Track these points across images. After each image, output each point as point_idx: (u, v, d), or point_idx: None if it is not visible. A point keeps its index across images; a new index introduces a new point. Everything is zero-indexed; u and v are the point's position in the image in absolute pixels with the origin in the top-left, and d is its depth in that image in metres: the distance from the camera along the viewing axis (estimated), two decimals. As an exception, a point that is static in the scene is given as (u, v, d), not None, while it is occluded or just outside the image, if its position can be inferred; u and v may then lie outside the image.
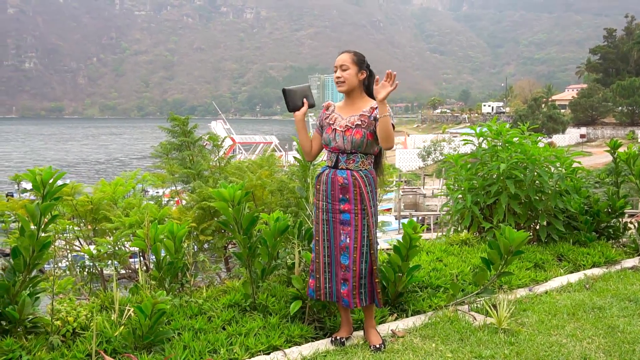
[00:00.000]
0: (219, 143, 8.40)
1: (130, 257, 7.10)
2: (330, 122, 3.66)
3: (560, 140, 60.11)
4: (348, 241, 3.55)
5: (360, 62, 3.64)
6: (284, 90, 3.74)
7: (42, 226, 3.31)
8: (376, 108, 3.51)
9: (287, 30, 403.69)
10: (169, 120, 8.68)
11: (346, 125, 3.57)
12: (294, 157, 5.13)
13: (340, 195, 3.56)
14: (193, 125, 8.57)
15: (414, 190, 39.10)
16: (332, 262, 3.62)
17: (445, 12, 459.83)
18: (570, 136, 62.98)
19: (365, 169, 3.59)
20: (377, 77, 3.52)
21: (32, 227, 3.31)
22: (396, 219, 28.29)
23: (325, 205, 3.62)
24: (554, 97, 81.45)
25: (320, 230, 3.66)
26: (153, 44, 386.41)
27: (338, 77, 3.63)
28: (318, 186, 3.68)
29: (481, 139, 6.29)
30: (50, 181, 3.33)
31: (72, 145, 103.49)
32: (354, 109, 3.63)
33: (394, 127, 3.53)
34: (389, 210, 31.75)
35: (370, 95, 3.69)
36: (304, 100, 3.75)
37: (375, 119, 3.52)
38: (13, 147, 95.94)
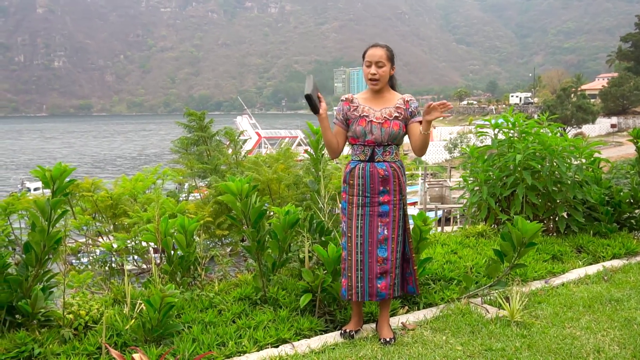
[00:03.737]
0: (236, 138, 8.47)
1: (156, 252, 7.18)
2: (364, 114, 3.58)
3: (591, 130, 59.00)
4: (386, 233, 3.55)
5: (393, 58, 3.64)
6: (308, 96, 3.47)
7: (53, 221, 3.37)
8: (409, 101, 3.62)
9: (311, 24, 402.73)
10: (185, 115, 8.73)
11: (384, 117, 3.55)
12: (306, 151, 5.12)
13: (381, 188, 3.55)
14: (209, 120, 8.62)
15: (440, 182, 38.81)
16: (366, 259, 3.56)
17: (471, 2, 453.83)
18: (601, 126, 61.81)
19: (399, 160, 3.62)
20: (431, 102, 3.39)
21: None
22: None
23: (361, 200, 3.57)
24: (583, 87, 79.66)
25: (353, 227, 3.59)
26: (179, 41, 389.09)
27: (374, 75, 3.56)
28: (351, 181, 3.60)
29: (497, 130, 6.21)
30: (60, 177, 3.38)
31: (110, 141, 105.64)
32: (384, 101, 3.62)
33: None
34: (414, 203, 31.54)
35: (392, 86, 3.71)
36: (319, 95, 3.60)
37: (412, 114, 3.60)
38: (55, 144, 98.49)
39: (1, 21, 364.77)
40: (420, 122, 3.54)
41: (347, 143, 3.74)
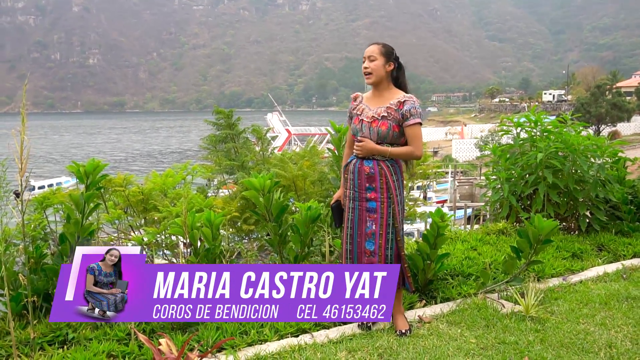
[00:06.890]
0: (263, 135, 8.66)
1: (185, 247, 7.39)
2: (358, 112, 3.75)
3: (626, 128, 57.86)
4: (374, 228, 3.67)
5: (389, 53, 3.71)
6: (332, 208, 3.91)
7: (86, 214, 3.57)
8: (404, 102, 3.62)
9: (342, 21, 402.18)
10: (214, 113, 8.95)
11: (372, 116, 3.66)
12: (328, 149, 5.27)
13: (367, 184, 3.66)
14: (237, 118, 8.82)
15: (470, 180, 38.51)
16: (355, 249, 3.72)
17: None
18: (636, 124, 60.56)
19: (392, 159, 3.69)
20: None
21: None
22: (451, 210, 27.90)
23: (352, 194, 3.73)
24: (619, 84, 77.89)
25: (345, 218, 3.79)
26: (211, 38, 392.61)
27: (366, 68, 3.69)
28: (346, 175, 3.79)
29: (520, 128, 6.26)
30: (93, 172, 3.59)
31: (151, 137, 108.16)
32: (381, 100, 3.72)
33: (421, 122, 3.67)
34: (444, 201, 31.35)
35: (399, 87, 3.78)
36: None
37: (404, 117, 3.62)
38: (102, 139, 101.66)
39: (39, 20, 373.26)
40: (421, 124, 3.66)
41: None
